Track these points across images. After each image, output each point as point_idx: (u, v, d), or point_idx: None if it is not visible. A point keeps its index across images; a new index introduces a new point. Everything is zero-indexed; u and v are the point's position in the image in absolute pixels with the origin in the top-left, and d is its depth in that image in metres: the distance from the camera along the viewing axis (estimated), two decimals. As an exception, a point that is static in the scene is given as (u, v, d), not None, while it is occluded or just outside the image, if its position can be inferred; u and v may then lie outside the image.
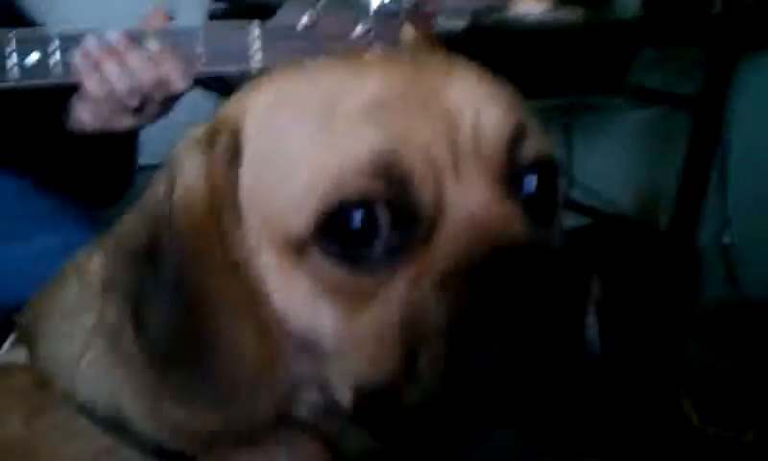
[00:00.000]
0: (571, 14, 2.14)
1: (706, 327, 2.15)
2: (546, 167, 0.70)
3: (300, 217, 0.63)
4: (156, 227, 0.67)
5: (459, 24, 1.90)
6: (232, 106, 0.72)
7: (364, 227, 0.62)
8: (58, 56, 1.19)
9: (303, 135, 0.65)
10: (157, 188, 0.69)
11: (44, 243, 1.33)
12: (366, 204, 0.62)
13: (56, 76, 1.20)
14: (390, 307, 0.62)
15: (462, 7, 2.00)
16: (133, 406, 0.72)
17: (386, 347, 0.62)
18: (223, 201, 0.66)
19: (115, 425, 0.72)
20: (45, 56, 1.18)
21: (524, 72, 0.77)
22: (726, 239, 2.50)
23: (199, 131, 0.70)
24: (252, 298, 0.65)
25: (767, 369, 1.98)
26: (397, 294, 0.62)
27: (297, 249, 0.64)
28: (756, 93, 2.38)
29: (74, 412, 0.73)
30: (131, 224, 0.70)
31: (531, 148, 0.68)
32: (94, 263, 0.77)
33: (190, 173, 0.67)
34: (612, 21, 2.44)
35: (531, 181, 0.69)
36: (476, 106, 0.66)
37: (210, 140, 0.68)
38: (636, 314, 2.29)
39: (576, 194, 2.79)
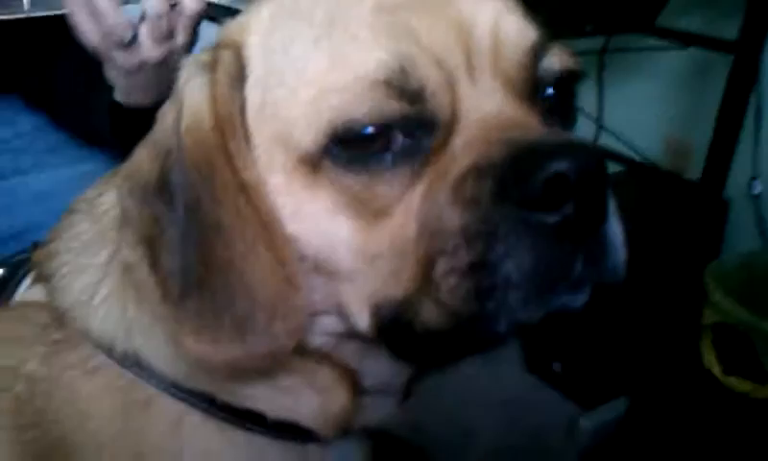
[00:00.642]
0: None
1: (731, 278, 2.12)
2: (570, 78, 0.68)
3: (311, 132, 0.61)
4: (166, 157, 0.65)
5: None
6: (235, 24, 0.69)
7: (377, 138, 0.60)
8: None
9: (308, 46, 0.63)
10: (166, 119, 0.67)
11: (61, 173, 1.33)
12: (378, 117, 0.60)
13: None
14: (407, 219, 0.60)
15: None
16: (149, 343, 0.72)
17: (404, 261, 0.60)
18: (229, 123, 0.64)
19: (133, 362, 0.72)
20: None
21: (554, 9, 0.75)
22: (756, 190, 2.45)
23: (202, 55, 0.68)
24: (265, 222, 0.63)
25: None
26: (414, 204, 0.60)
27: (309, 165, 0.62)
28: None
29: (92, 349, 0.73)
30: (141, 157, 0.68)
31: (555, 58, 0.66)
32: (105, 199, 0.76)
33: (195, 98, 0.65)
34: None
35: (552, 90, 0.67)
36: (494, 13, 0.64)
37: (213, 62, 0.66)
38: (660, 264, 2.26)
39: (606, 140, 2.74)
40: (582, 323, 2.24)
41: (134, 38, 1.15)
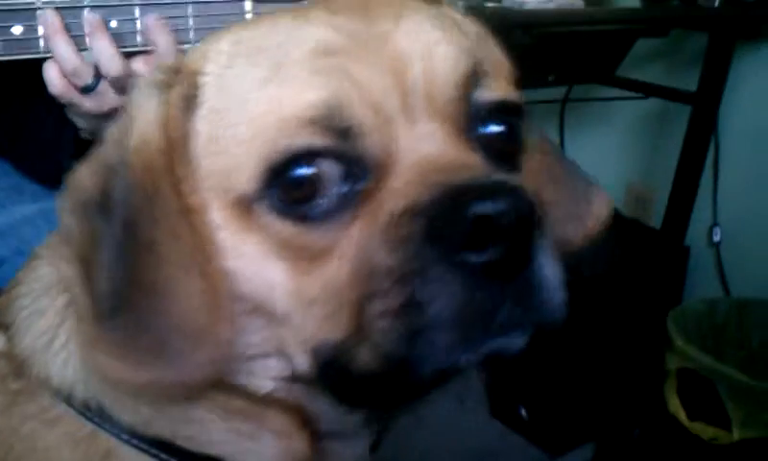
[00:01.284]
0: (570, 3, 2.11)
1: (693, 324, 2.14)
2: (508, 110, 0.67)
3: (246, 174, 0.61)
4: (110, 174, 0.64)
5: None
6: (195, 51, 0.69)
7: (309, 180, 0.60)
8: (40, 29, 1.14)
9: (254, 87, 0.62)
10: (113, 134, 0.66)
11: (24, 209, 1.30)
12: (310, 157, 0.59)
13: (41, 48, 1.15)
14: (342, 262, 0.60)
15: (459, -7, 1.97)
16: (107, 389, 0.70)
17: (339, 304, 0.59)
18: (178, 147, 0.63)
19: (95, 412, 0.70)
20: (29, 27, 1.14)
21: (517, 59, 0.76)
22: (716, 237, 2.49)
23: (158, 74, 0.67)
24: (201, 252, 0.62)
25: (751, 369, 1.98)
26: (348, 248, 0.60)
27: (244, 207, 0.61)
28: (747, 92, 2.38)
29: (52, 399, 0.71)
30: (85, 173, 0.67)
31: (490, 90, 0.66)
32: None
33: (147, 118, 0.64)
34: (609, 10, 2.43)
35: (492, 124, 0.66)
36: (427, 49, 0.64)
37: (168, 84, 0.65)
38: (623, 309, 2.28)
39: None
40: (547, 369, 2.24)
41: (96, 84, 1.14)
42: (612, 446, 2.23)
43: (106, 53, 1.11)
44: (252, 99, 0.62)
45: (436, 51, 0.64)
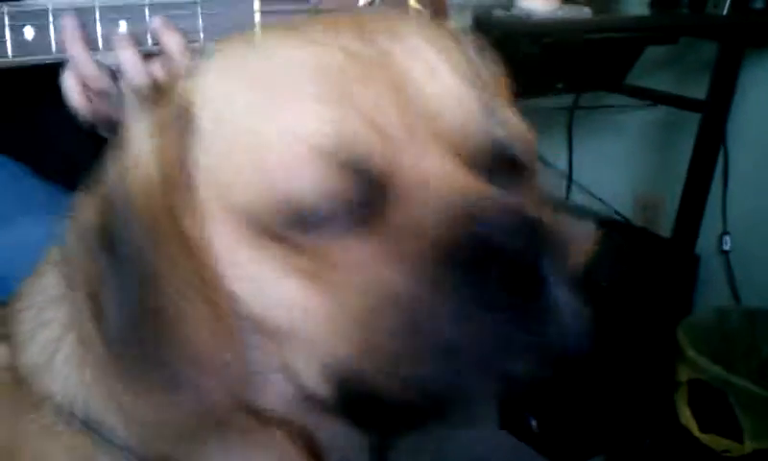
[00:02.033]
0: (577, 12, 2.11)
1: (704, 334, 2.13)
2: (515, 131, 0.66)
3: (251, 197, 0.60)
4: (112, 206, 0.63)
5: (463, 20, 1.87)
6: (186, 75, 0.68)
7: (318, 208, 0.59)
8: (53, 31, 1.14)
9: (251, 108, 0.62)
10: (114, 165, 0.65)
11: (35, 231, 1.30)
12: (322, 193, 0.59)
13: (54, 51, 1.15)
14: (348, 282, 0.58)
15: (467, 2, 1.97)
16: (104, 407, 0.69)
17: (352, 326, 0.58)
18: (175, 177, 0.63)
19: (95, 428, 0.69)
20: (41, 30, 1.14)
21: (525, 67, 0.74)
22: (726, 246, 2.48)
23: (149, 98, 0.67)
24: (206, 279, 0.61)
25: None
26: (355, 266, 0.59)
27: (250, 233, 0.60)
28: (756, 100, 2.37)
29: (54, 413, 0.70)
30: (87, 205, 0.66)
31: (503, 126, 0.64)
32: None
33: (142, 148, 0.64)
34: (617, 19, 2.42)
35: (501, 146, 0.64)
36: (430, 71, 0.63)
37: (164, 110, 0.65)
38: (633, 319, 2.27)
39: (575, 197, 2.77)
40: (557, 379, 2.22)
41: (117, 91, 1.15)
42: (622, 457, 2.21)
43: (133, 65, 1.12)
44: (250, 122, 0.61)
45: (439, 73, 0.63)
